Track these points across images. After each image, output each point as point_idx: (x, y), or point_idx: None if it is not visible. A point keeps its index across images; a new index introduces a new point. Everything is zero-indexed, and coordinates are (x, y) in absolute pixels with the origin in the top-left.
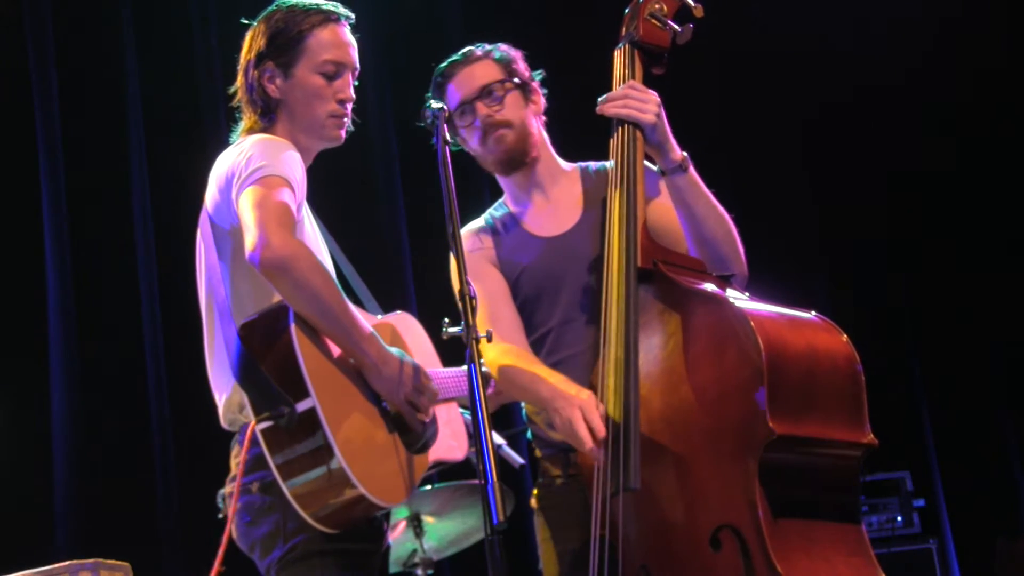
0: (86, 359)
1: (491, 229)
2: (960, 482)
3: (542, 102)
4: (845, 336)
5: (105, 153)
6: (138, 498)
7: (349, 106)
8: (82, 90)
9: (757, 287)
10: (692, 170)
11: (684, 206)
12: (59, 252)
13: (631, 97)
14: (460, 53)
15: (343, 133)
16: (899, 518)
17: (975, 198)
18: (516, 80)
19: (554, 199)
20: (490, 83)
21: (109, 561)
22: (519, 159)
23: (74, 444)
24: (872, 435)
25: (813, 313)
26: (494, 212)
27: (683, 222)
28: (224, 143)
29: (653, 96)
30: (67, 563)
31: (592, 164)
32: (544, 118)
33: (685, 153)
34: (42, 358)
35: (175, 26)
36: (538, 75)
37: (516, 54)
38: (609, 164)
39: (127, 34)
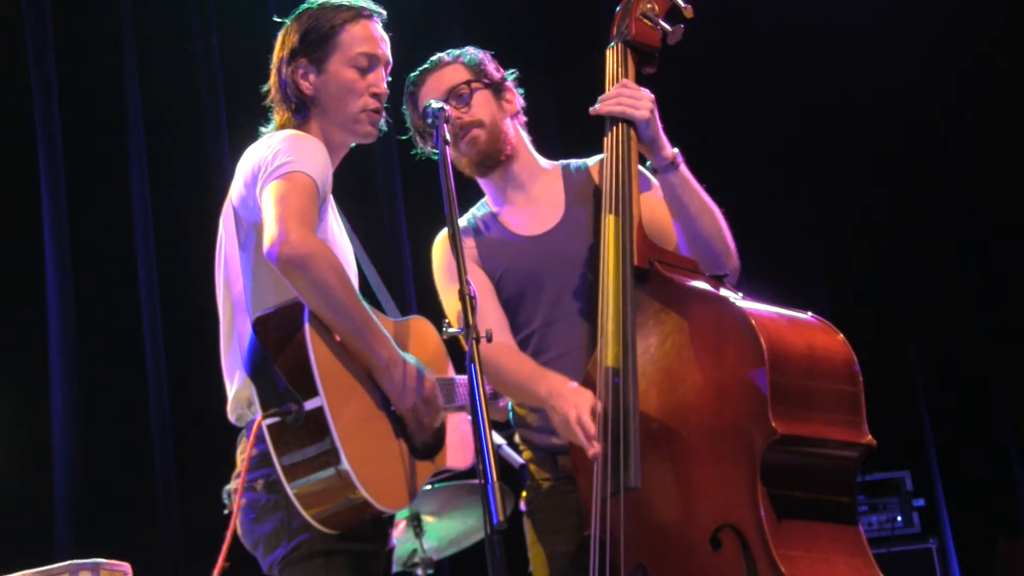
0: (86, 359)
1: (473, 229)
2: (960, 482)
3: (517, 102)
4: (842, 336)
5: (105, 153)
6: (138, 498)
7: (383, 99)
8: (82, 90)
9: (755, 286)
10: (684, 167)
11: (677, 203)
12: (59, 252)
13: (624, 94)
14: (430, 61)
15: (376, 130)
16: (899, 518)
17: (975, 195)
18: (484, 80)
19: (535, 198)
20: (455, 85)
21: (109, 561)
22: (493, 159)
23: (74, 444)
24: (870, 436)
25: (809, 314)
26: (476, 212)
27: (676, 219)
28: (224, 143)
29: (646, 93)
30: (67, 563)
31: (573, 162)
32: (524, 117)
33: (676, 150)
34: (42, 359)
35: (175, 26)
36: (511, 75)
37: (485, 55)
38: (591, 161)
39: (127, 34)
